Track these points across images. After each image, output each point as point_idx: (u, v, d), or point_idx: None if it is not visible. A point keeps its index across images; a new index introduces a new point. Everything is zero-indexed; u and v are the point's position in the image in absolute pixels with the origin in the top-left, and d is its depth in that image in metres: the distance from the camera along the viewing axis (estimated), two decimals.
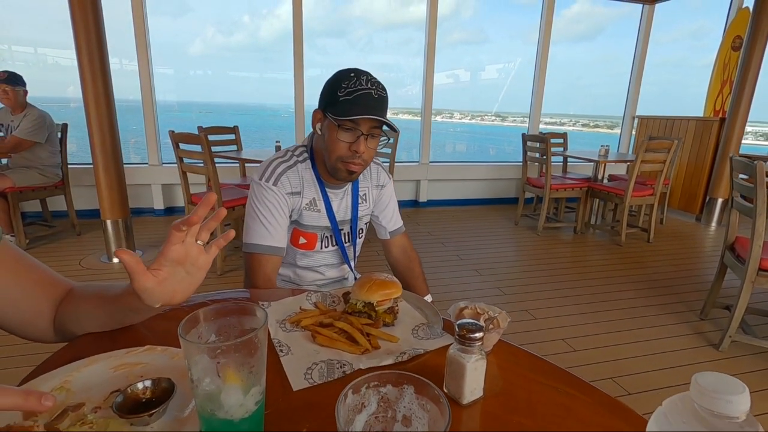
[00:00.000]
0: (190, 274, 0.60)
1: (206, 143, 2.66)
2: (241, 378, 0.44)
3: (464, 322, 0.55)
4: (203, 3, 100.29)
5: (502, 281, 2.94)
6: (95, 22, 2.70)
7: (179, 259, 0.58)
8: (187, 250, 0.59)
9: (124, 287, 0.63)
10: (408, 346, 0.68)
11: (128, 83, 4.15)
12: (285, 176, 1.09)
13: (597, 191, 3.93)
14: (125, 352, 0.61)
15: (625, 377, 1.91)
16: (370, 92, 0.98)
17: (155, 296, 0.58)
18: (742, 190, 2.12)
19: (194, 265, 0.60)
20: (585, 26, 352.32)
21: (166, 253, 0.57)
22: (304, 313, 0.75)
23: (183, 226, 0.56)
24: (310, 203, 1.13)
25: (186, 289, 0.61)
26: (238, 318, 0.49)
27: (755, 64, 4.09)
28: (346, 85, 0.99)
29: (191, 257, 0.59)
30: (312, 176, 1.13)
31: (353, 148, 1.01)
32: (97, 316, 0.66)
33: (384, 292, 0.74)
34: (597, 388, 0.62)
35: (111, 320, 0.67)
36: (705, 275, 3.16)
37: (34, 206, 3.71)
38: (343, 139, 1.01)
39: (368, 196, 1.25)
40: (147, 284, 0.56)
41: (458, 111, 46.17)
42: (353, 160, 1.02)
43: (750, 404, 0.26)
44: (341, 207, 1.18)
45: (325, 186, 1.14)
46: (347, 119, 0.98)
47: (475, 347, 0.54)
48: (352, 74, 1.00)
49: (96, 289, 0.67)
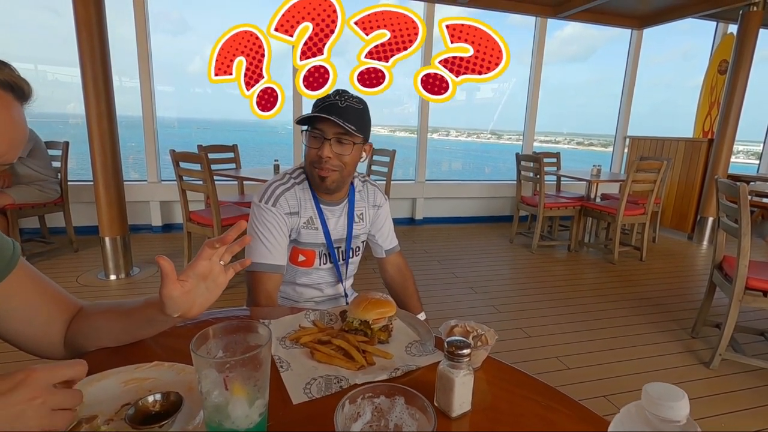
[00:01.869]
0: (209, 290, 0.66)
1: (206, 162, 2.72)
2: (247, 391, 0.48)
3: (453, 340, 0.59)
4: (203, 22, 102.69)
5: (497, 299, 2.97)
6: (100, 42, 2.78)
7: (204, 274, 0.64)
8: (212, 267, 0.65)
9: (143, 300, 0.68)
10: (402, 362, 0.72)
11: (127, 99, 4.23)
12: (283, 197, 1.15)
13: (590, 210, 4.00)
14: (134, 368, 0.65)
15: (618, 395, 1.93)
16: (336, 102, 1.09)
17: (177, 305, 0.63)
18: (727, 211, 2.19)
19: (214, 282, 0.66)
20: (577, 48, 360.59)
21: (195, 266, 0.63)
22: (303, 331, 0.79)
23: (217, 243, 0.63)
24: (307, 221, 1.18)
25: (203, 303, 0.66)
26: (243, 335, 0.53)
27: (740, 87, 4.23)
28: (321, 101, 1.11)
29: (213, 274, 0.66)
30: (309, 195, 1.19)
31: (319, 154, 1.09)
32: (111, 329, 0.70)
33: (379, 311, 0.78)
34: (581, 404, 0.66)
35: (124, 333, 0.71)
36: (696, 293, 3.20)
37: (32, 222, 3.73)
38: (310, 144, 1.11)
39: (365, 215, 1.29)
40: (174, 292, 0.61)
41: (454, 129, 46.73)
42: (321, 165, 1.10)
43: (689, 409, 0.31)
44: (338, 225, 1.23)
45: (320, 203, 1.20)
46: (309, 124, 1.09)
47: (464, 363, 0.58)
48: (331, 93, 1.12)
49: (110, 305, 0.72)
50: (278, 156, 3.69)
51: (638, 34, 5.41)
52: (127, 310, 0.69)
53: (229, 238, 0.63)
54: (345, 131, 1.07)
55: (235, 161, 3.80)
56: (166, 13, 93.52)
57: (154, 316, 0.65)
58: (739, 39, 4.23)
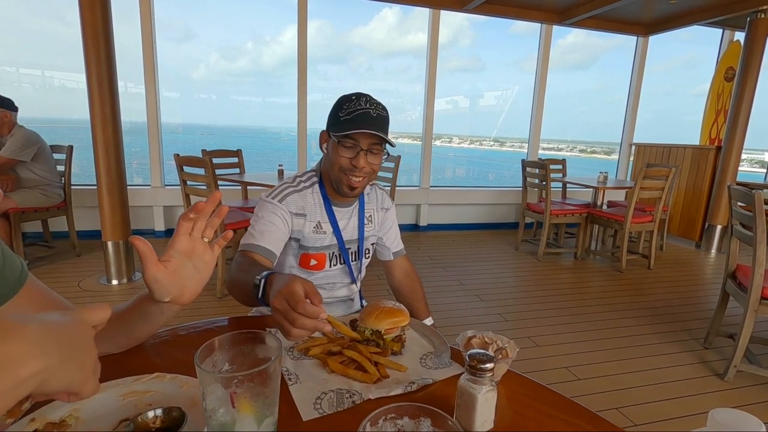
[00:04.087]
0: (198, 270, 0.62)
1: (210, 166, 2.69)
2: (256, 408, 0.44)
3: (475, 353, 0.55)
4: (208, 30, 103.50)
5: (503, 307, 2.92)
6: (106, 46, 2.77)
7: (187, 251, 0.61)
8: (194, 243, 0.61)
9: (133, 298, 0.65)
10: (416, 375, 0.68)
11: (132, 105, 4.23)
12: (291, 198, 1.13)
13: (597, 217, 3.95)
14: (133, 380, 0.61)
15: (630, 407, 1.88)
16: (368, 111, 1.06)
17: (165, 288, 0.59)
18: (741, 219, 2.14)
19: (201, 260, 0.62)
20: (580, 56, 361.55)
21: (175, 243, 0.60)
22: (312, 341, 0.75)
23: (191, 214, 0.59)
24: (316, 226, 1.16)
25: (194, 285, 0.63)
26: (252, 347, 0.49)
27: (748, 95, 4.20)
28: (347, 107, 1.07)
29: (198, 251, 0.62)
30: (319, 198, 1.17)
31: (353, 163, 1.07)
32: (108, 335, 0.66)
33: (392, 320, 0.74)
34: (607, 420, 0.62)
35: (122, 336, 0.68)
36: (707, 302, 3.14)
37: (35, 226, 3.71)
38: (344, 155, 1.07)
39: (374, 217, 1.29)
40: (158, 274, 0.58)
41: (457, 136, 46.75)
42: (354, 173, 1.08)
43: None
44: (348, 226, 1.22)
45: (332, 204, 1.18)
46: (346, 135, 1.05)
47: (486, 378, 0.54)
48: (353, 97, 1.08)
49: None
50: (282, 161, 3.67)
51: (644, 41, 5.39)
52: (121, 311, 0.65)
53: (202, 206, 0.59)
54: (378, 142, 1.07)
55: (239, 166, 3.78)
56: (171, 20, 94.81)
57: (147, 308, 0.62)
58: (747, 46, 4.20)
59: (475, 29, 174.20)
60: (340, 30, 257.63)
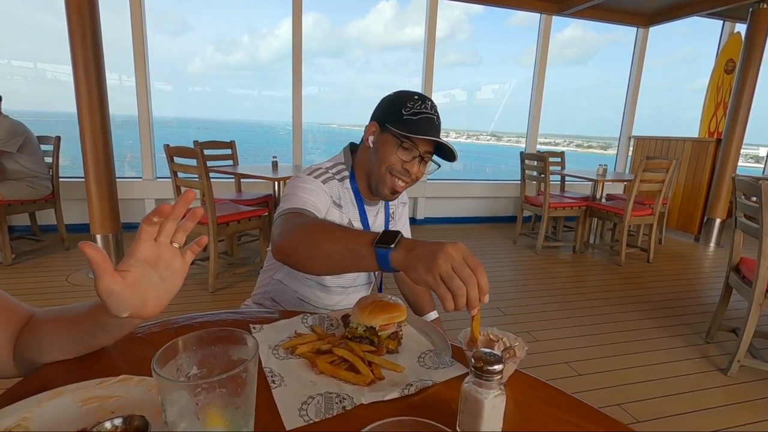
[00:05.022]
0: (164, 279, 0.53)
1: (201, 157, 2.61)
2: (226, 420, 0.37)
3: (481, 352, 0.49)
4: (204, 23, 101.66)
5: (501, 301, 2.87)
6: (93, 35, 2.68)
7: (151, 259, 0.52)
8: (161, 250, 0.52)
9: (91, 303, 0.56)
10: (415, 376, 0.62)
11: (126, 98, 4.14)
12: (332, 183, 1.05)
13: (596, 210, 3.90)
14: (96, 383, 0.54)
15: (632, 403, 1.83)
16: (433, 118, 1.01)
17: (122, 302, 0.50)
18: (746, 211, 2.09)
19: (168, 269, 0.53)
20: (577, 51, 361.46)
21: (136, 251, 0.50)
22: (300, 338, 0.68)
23: (155, 217, 0.50)
24: (348, 224, 1.07)
25: (159, 297, 0.53)
26: (224, 347, 0.43)
27: (749, 86, 4.14)
28: (412, 106, 1.00)
29: (165, 259, 0.53)
30: (351, 195, 1.09)
31: (406, 167, 1.01)
32: (60, 340, 0.58)
33: (387, 316, 0.67)
34: (624, 424, 0.56)
35: (77, 344, 0.60)
36: (707, 296, 3.10)
37: (22, 219, 3.62)
38: (401, 156, 1.00)
39: (396, 213, 1.24)
40: (113, 286, 0.48)
41: (454, 130, 46.66)
42: (402, 177, 1.02)
43: None
44: (375, 224, 1.16)
45: (363, 203, 1.11)
46: (413, 136, 0.98)
47: (494, 381, 0.47)
48: (416, 96, 1.02)
49: (60, 311, 0.60)
50: (278, 155, 3.58)
51: (644, 32, 5.31)
52: (76, 316, 0.57)
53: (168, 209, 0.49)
54: (432, 151, 1.03)
55: (232, 158, 3.69)
56: (166, 13, 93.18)
57: (105, 320, 0.53)
58: (749, 37, 4.14)
59: (472, 23, 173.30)
60: (337, 23, 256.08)
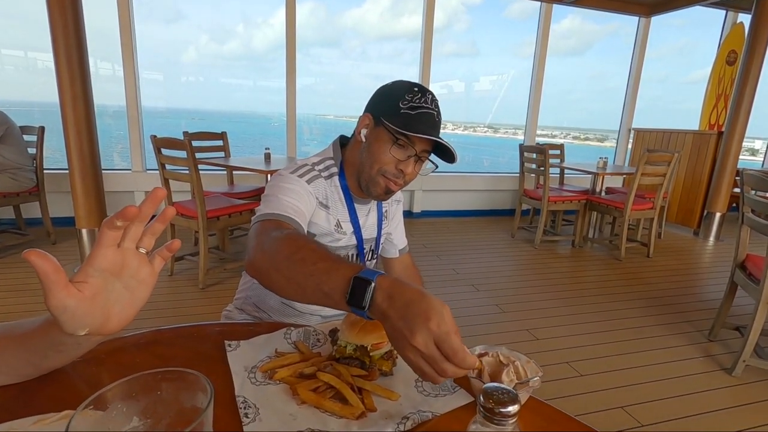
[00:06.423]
0: (130, 289, 0.46)
1: (190, 149, 2.51)
2: None
3: (492, 389, 0.41)
4: (197, 11, 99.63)
5: (500, 297, 2.80)
6: (75, 21, 2.56)
7: (114, 268, 0.44)
8: (125, 257, 0.44)
9: (42, 318, 0.47)
10: (412, 407, 0.54)
11: (119, 89, 4.01)
12: (318, 182, 0.95)
13: (596, 204, 3.82)
14: (35, 421, 0.46)
15: (635, 406, 1.76)
16: (433, 113, 0.91)
17: (79, 319, 0.42)
18: (754, 205, 2.02)
19: (134, 278, 0.46)
20: (575, 42, 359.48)
21: (94, 259, 0.43)
22: (281, 360, 0.60)
23: (118, 221, 0.42)
24: (336, 225, 0.98)
25: (125, 310, 0.46)
26: (174, 392, 0.34)
27: (753, 78, 4.05)
28: (410, 99, 0.90)
29: (130, 268, 0.45)
30: (339, 194, 0.99)
31: (400, 167, 0.91)
32: (9, 362, 0.50)
33: (380, 334, 0.59)
34: None
35: (27, 366, 0.51)
36: (709, 293, 3.05)
37: (7, 213, 3.50)
38: (395, 154, 0.90)
39: (389, 212, 1.15)
40: (68, 301, 0.41)
41: (451, 122, 46.44)
42: (396, 178, 0.92)
43: None
44: (367, 224, 1.07)
45: (354, 201, 1.01)
46: (410, 134, 0.87)
47: (508, 425, 0.39)
48: (416, 88, 0.91)
49: (6, 327, 0.52)
50: (271, 146, 3.47)
51: (646, 22, 5.21)
52: (23, 334, 0.48)
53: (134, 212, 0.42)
54: (429, 150, 0.92)
55: (223, 149, 3.58)
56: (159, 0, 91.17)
57: (59, 339, 0.45)
58: (753, 27, 4.04)
59: (470, 13, 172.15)
60: (333, 12, 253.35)
